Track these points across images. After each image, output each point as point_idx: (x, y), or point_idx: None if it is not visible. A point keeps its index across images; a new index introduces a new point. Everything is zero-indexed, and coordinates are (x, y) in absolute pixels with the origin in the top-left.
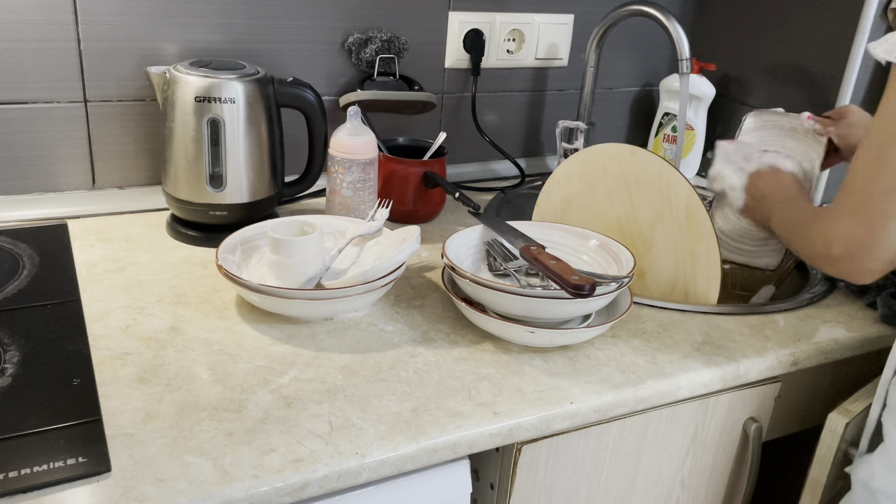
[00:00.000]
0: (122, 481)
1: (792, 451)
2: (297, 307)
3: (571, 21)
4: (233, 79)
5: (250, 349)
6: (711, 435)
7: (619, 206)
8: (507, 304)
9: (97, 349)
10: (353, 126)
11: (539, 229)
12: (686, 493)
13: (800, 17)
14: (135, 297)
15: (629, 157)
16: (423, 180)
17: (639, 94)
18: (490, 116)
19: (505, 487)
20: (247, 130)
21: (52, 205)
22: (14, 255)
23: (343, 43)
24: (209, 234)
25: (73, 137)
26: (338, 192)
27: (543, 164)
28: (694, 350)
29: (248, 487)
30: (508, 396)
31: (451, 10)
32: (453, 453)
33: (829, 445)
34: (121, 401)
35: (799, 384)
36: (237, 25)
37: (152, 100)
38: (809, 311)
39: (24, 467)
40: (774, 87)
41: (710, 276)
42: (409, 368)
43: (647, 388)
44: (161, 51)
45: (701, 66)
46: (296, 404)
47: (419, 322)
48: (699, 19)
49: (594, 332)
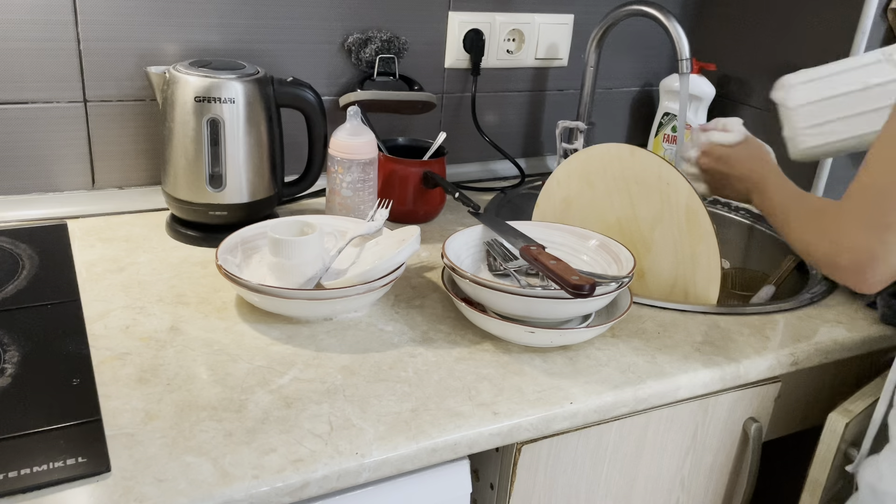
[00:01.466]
0: (122, 481)
1: (792, 451)
2: (296, 307)
3: (571, 21)
4: (233, 79)
5: (250, 349)
6: (711, 435)
7: (619, 206)
8: (507, 304)
9: (97, 349)
10: (353, 126)
11: (539, 229)
12: (686, 493)
13: (800, 17)
14: (135, 297)
15: (629, 157)
16: (423, 180)
17: (639, 94)
18: (490, 116)
19: (505, 487)
20: (247, 130)
21: (52, 205)
22: (14, 255)
23: (343, 43)
24: (209, 234)
25: (72, 137)
26: (338, 192)
27: (543, 164)
28: (694, 350)
29: (247, 487)
30: (508, 396)
31: (451, 10)
32: (453, 453)
33: (829, 445)
34: (121, 401)
35: (799, 384)
36: (237, 25)
37: (152, 100)
38: (809, 311)
39: (24, 467)
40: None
41: (710, 276)
42: (409, 368)
43: (647, 388)
44: (161, 51)
45: (701, 66)
46: (296, 404)
47: (419, 322)
48: (699, 19)
49: (594, 332)
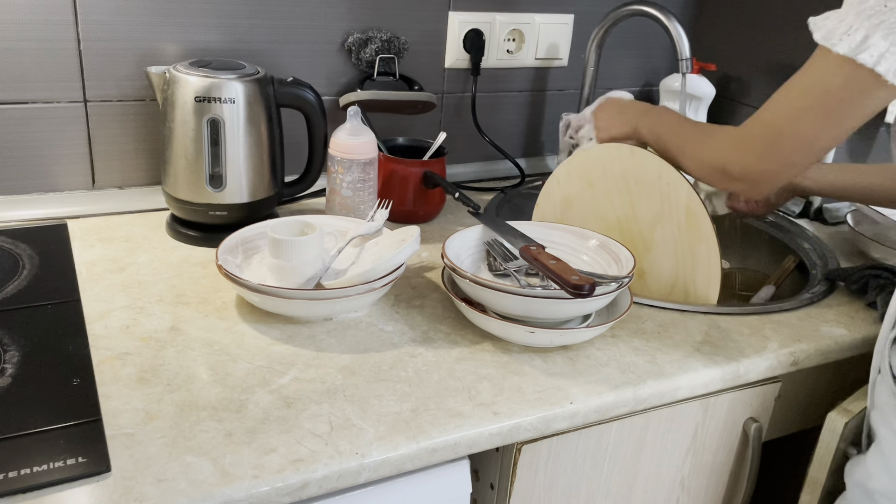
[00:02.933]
0: (122, 481)
1: (792, 451)
2: (297, 307)
3: (571, 21)
4: (233, 79)
5: (250, 349)
6: (711, 435)
7: (619, 206)
8: (507, 304)
9: (97, 349)
10: (353, 126)
11: (539, 229)
12: (686, 493)
13: (800, 17)
14: (135, 297)
15: (629, 157)
16: (423, 180)
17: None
18: (490, 116)
19: (505, 487)
20: (247, 130)
21: (52, 205)
22: (14, 255)
23: (343, 43)
24: (209, 234)
25: (72, 137)
26: (338, 192)
27: (543, 164)
28: (694, 350)
29: (248, 487)
30: (508, 396)
31: (451, 10)
32: (453, 453)
33: (828, 445)
34: (121, 401)
35: (799, 384)
36: (237, 25)
37: (152, 100)
38: (809, 311)
39: (24, 467)
40: (774, 87)
41: (710, 276)
42: (409, 368)
43: (647, 388)
44: (161, 51)
45: (701, 66)
46: (296, 404)
47: (419, 322)
48: (699, 19)
49: (594, 332)
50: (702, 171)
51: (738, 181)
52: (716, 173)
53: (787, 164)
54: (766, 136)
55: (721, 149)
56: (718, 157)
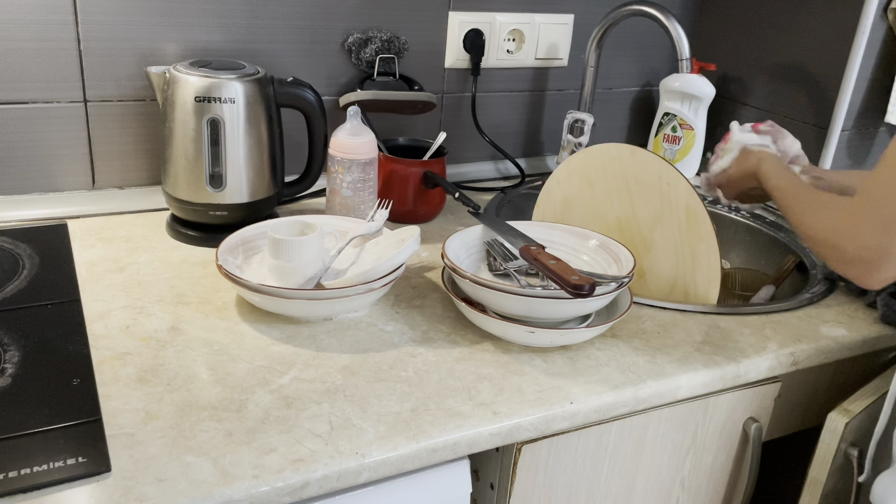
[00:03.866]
0: (122, 481)
1: (792, 451)
2: (297, 307)
3: (571, 21)
4: (233, 79)
5: (250, 349)
6: (711, 435)
7: (619, 206)
8: (507, 304)
9: (97, 349)
10: (353, 126)
11: (539, 229)
12: (686, 493)
13: (800, 17)
14: (135, 297)
15: (629, 157)
16: (423, 180)
17: (639, 94)
18: (490, 116)
19: (505, 487)
20: (247, 130)
21: (52, 205)
22: (14, 255)
23: (343, 43)
24: (209, 234)
25: (72, 137)
26: (338, 192)
27: (543, 164)
28: (694, 350)
29: (248, 487)
30: (508, 396)
31: (451, 10)
32: (453, 453)
33: (828, 445)
34: (121, 401)
35: (799, 384)
36: (237, 25)
37: (152, 100)
38: (809, 311)
39: (24, 467)
40: (774, 87)
41: (710, 276)
42: (409, 368)
43: (647, 388)
44: (161, 51)
45: (701, 66)
46: (296, 404)
47: (419, 322)
48: (699, 19)
49: (594, 332)
50: (821, 256)
51: (855, 265)
52: (830, 258)
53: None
54: (883, 201)
55: (833, 224)
56: (832, 232)
